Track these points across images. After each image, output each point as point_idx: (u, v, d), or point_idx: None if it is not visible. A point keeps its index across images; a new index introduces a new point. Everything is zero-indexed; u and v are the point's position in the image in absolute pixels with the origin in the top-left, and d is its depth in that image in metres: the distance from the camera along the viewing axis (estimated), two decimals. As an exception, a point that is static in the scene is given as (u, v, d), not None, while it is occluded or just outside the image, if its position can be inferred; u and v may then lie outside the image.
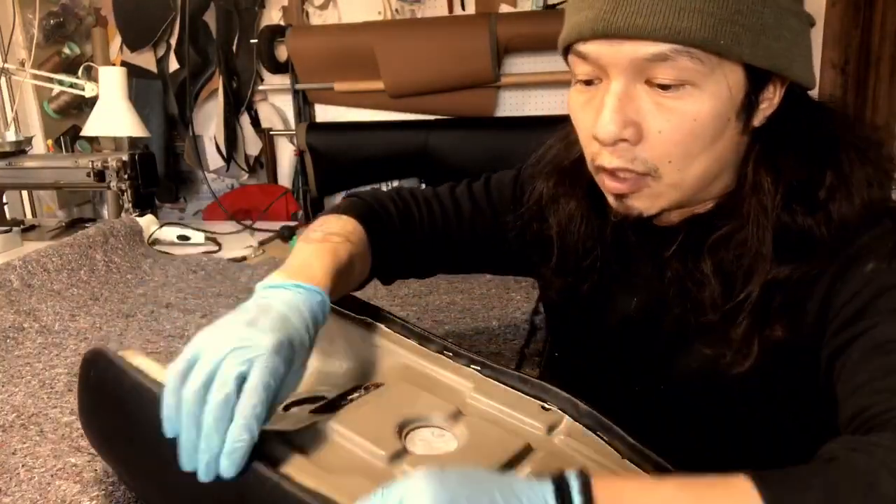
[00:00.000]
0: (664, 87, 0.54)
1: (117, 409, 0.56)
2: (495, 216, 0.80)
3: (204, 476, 0.46)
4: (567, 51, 0.59)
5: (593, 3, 0.54)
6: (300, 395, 0.61)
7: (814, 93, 0.61)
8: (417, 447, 0.52)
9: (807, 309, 0.56)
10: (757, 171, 0.58)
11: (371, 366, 0.64)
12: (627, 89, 0.55)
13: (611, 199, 0.62)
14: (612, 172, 0.58)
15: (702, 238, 0.61)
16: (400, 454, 0.50)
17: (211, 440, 0.46)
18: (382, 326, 0.68)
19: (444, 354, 0.63)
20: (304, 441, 0.51)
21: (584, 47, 0.56)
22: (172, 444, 0.48)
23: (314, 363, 0.67)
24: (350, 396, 0.59)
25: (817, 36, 2.12)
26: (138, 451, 0.55)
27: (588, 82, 0.58)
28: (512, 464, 0.51)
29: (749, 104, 0.56)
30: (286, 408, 0.59)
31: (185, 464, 0.47)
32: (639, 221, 0.64)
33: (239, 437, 0.46)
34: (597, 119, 0.56)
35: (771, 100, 0.57)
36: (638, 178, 0.57)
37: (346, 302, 0.71)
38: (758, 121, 0.58)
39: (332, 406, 0.57)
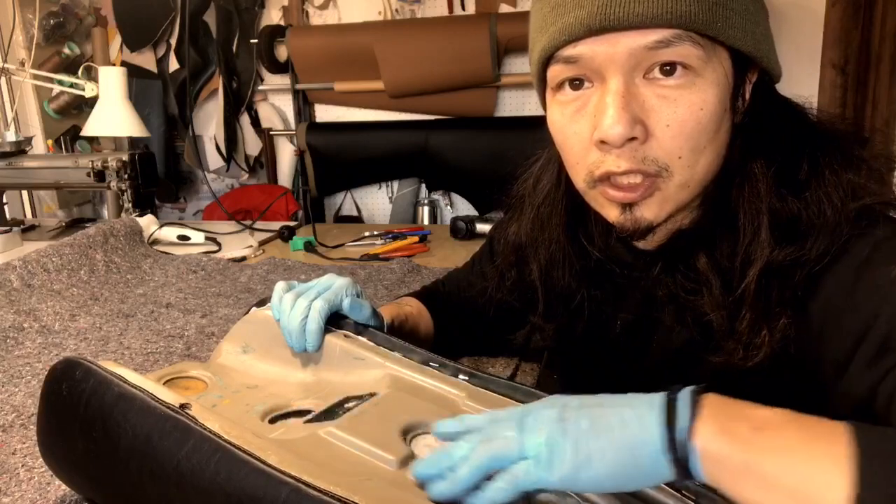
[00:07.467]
0: (667, 74, 0.52)
1: (99, 424, 0.51)
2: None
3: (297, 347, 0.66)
4: (545, 63, 0.57)
5: (582, 1, 0.52)
6: (284, 409, 0.60)
7: (814, 93, 0.61)
8: (424, 453, 0.52)
9: (809, 310, 0.54)
10: (746, 158, 0.57)
11: (356, 378, 0.62)
12: (628, 86, 0.53)
13: (613, 215, 0.58)
14: (617, 182, 0.56)
15: (688, 247, 0.60)
16: (408, 459, 0.50)
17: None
18: (363, 339, 0.66)
19: (429, 366, 0.62)
20: (309, 450, 0.50)
21: (575, 49, 0.53)
22: (168, 455, 0.47)
23: (294, 376, 0.66)
24: (346, 405, 0.59)
25: (817, 36, 2.11)
26: (126, 469, 0.51)
27: (575, 87, 0.56)
28: None
29: (735, 95, 0.56)
30: (273, 420, 0.58)
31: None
32: (622, 250, 0.64)
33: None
34: (598, 123, 0.53)
35: (744, 94, 0.57)
36: (649, 181, 0.55)
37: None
38: (737, 115, 0.58)
39: (328, 415, 0.56)
